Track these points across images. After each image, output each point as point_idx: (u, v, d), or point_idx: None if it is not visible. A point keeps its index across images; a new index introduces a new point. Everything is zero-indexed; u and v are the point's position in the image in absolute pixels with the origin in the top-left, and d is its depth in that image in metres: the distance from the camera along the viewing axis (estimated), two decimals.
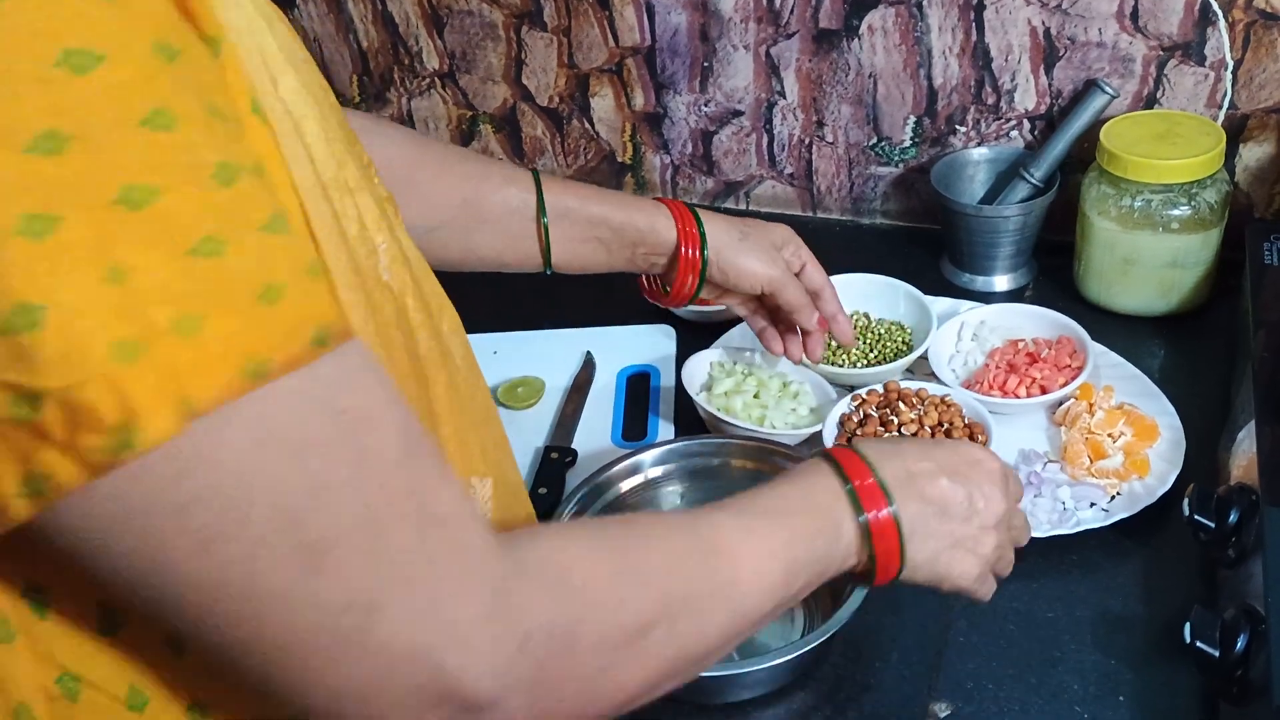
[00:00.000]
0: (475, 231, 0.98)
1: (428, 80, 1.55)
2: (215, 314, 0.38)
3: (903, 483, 0.69)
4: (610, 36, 1.42)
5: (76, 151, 0.37)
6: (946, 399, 1.04)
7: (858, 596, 0.84)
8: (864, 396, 1.07)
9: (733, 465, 1.00)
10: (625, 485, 1.00)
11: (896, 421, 1.02)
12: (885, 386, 1.07)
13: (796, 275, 1.05)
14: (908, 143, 1.37)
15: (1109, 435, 1.03)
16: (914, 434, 0.99)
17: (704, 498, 0.97)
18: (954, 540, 0.71)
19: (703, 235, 1.00)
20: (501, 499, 0.66)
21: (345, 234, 0.51)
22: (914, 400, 1.05)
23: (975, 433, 1.02)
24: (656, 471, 1.01)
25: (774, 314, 1.08)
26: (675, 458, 1.01)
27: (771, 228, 1.06)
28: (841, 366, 1.16)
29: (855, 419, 1.05)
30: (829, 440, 1.04)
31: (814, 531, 0.64)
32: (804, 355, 1.08)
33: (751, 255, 1.02)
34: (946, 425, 1.01)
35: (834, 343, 1.19)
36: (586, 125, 1.51)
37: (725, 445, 1.01)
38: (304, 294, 0.41)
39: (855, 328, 1.20)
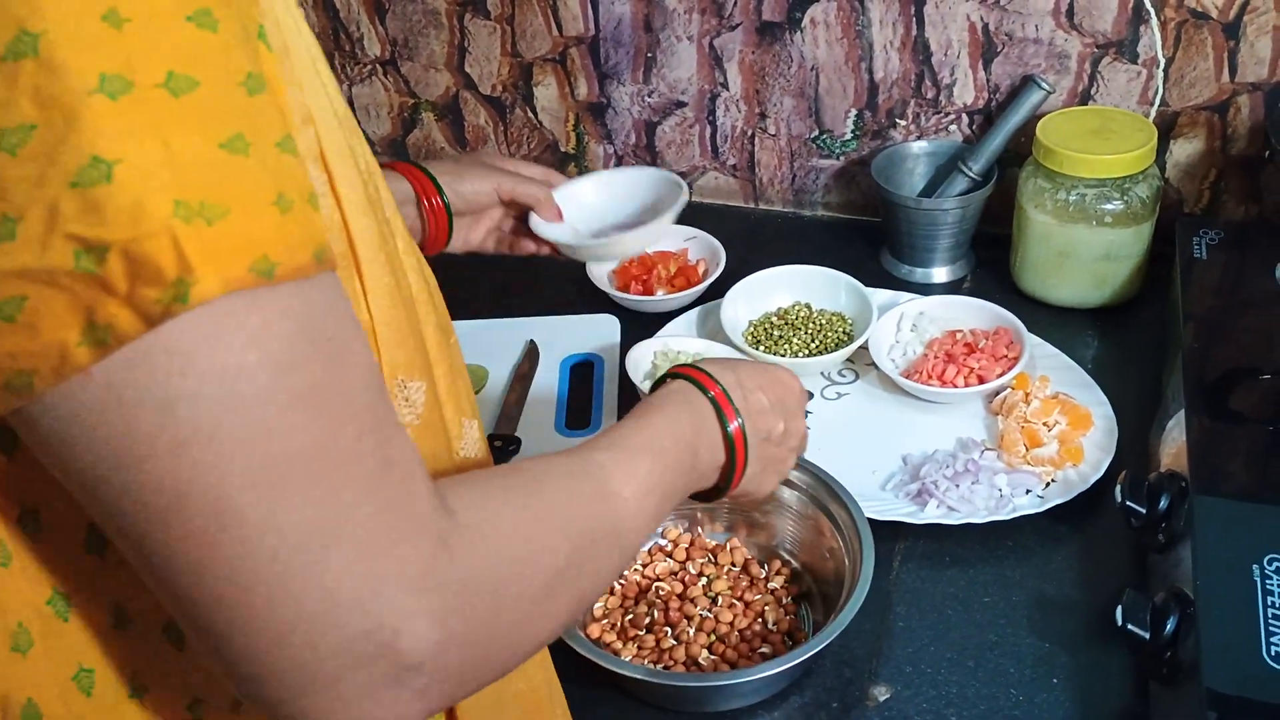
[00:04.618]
0: None
1: (369, 67, 1.53)
2: (238, 207, 0.40)
3: (743, 407, 0.73)
4: (554, 25, 1.42)
5: (133, 31, 0.39)
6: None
7: (843, 619, 0.85)
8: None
9: None
10: None
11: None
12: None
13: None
14: (849, 135, 1.38)
15: (1044, 424, 1.05)
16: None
17: None
18: (767, 460, 0.76)
19: (435, 181, 1.02)
20: (483, 444, 0.68)
21: (359, 167, 0.53)
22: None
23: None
24: None
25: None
26: None
27: (476, 151, 1.13)
28: (784, 356, 1.17)
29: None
30: None
31: (683, 464, 0.67)
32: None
33: (471, 178, 1.04)
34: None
35: (777, 333, 1.20)
36: (530, 114, 1.50)
37: None
38: (306, 214, 0.42)
39: (797, 318, 1.22)
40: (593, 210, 1.10)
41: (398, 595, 0.43)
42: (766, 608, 0.94)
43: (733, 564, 0.99)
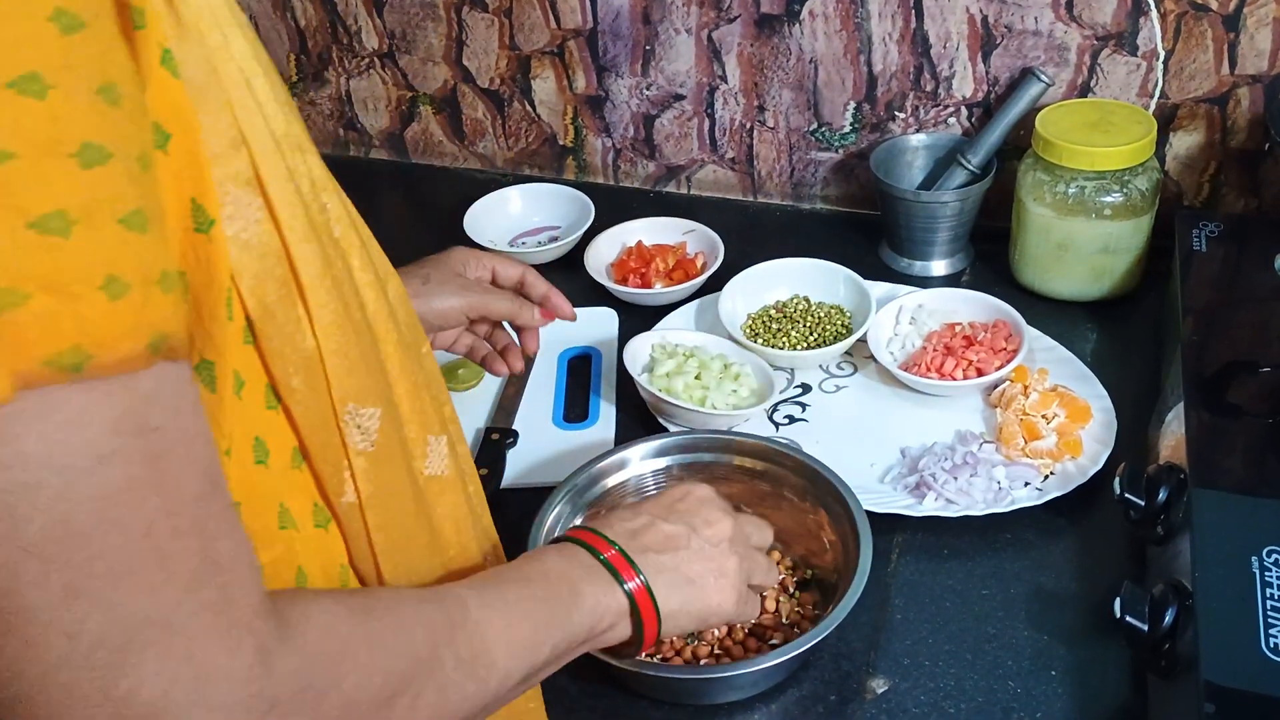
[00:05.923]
0: None
1: (367, 60, 1.53)
2: (42, 294, 0.37)
3: (628, 541, 0.72)
4: (552, 18, 1.41)
5: None
6: None
7: (841, 612, 0.84)
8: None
9: (733, 463, 1.00)
10: (612, 480, 0.98)
11: None
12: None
13: (494, 283, 1.06)
14: (848, 128, 1.38)
15: (1043, 416, 1.05)
16: None
17: None
18: (695, 574, 0.74)
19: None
20: (455, 459, 0.67)
21: (299, 189, 0.52)
22: None
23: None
24: (646, 466, 1.00)
25: (493, 332, 1.09)
26: (671, 451, 1.00)
27: (447, 256, 1.04)
28: (783, 349, 1.16)
29: None
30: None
31: (558, 604, 0.66)
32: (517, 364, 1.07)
33: (440, 295, 1.00)
34: None
35: (775, 326, 1.20)
36: (528, 107, 1.50)
37: (726, 441, 1.00)
38: (147, 299, 0.39)
39: (795, 311, 1.21)
40: None
41: (202, 714, 0.40)
42: (764, 600, 0.94)
43: None
